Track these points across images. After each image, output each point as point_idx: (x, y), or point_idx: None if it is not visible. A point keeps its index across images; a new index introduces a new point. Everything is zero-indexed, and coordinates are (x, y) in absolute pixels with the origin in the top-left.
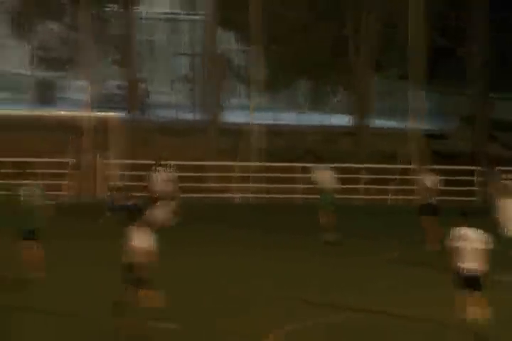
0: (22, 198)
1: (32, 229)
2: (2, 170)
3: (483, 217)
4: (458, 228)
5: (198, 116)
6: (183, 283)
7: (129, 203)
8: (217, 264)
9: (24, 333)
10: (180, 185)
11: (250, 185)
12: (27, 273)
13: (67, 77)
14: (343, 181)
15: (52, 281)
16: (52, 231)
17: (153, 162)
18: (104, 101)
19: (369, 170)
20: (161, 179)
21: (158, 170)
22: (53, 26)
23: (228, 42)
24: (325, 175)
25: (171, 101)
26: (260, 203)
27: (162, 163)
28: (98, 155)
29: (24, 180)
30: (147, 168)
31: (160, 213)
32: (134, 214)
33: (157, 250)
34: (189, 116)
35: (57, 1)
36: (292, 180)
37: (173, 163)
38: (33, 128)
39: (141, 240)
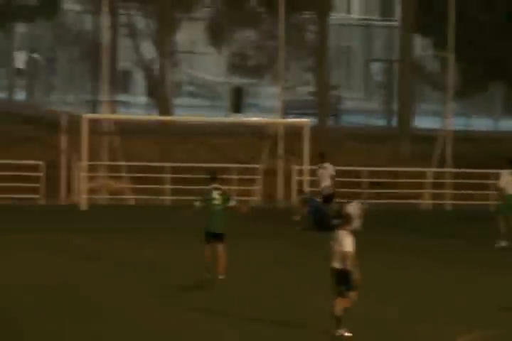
0: (210, 202)
1: (217, 233)
2: (198, 176)
3: None
4: None
5: (391, 122)
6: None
7: (322, 208)
8: (392, 273)
9: (197, 335)
10: (369, 191)
11: (441, 191)
12: (209, 275)
13: (260, 84)
14: None
15: (233, 284)
16: (242, 234)
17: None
18: (296, 108)
19: None
20: (325, 175)
21: (323, 167)
22: (249, 34)
23: (422, 47)
24: (509, 180)
25: (363, 107)
26: (450, 210)
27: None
28: (289, 161)
29: (217, 185)
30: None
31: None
32: (326, 218)
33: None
34: (381, 122)
35: (253, 9)
36: (486, 187)
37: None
38: (227, 134)
39: (344, 243)
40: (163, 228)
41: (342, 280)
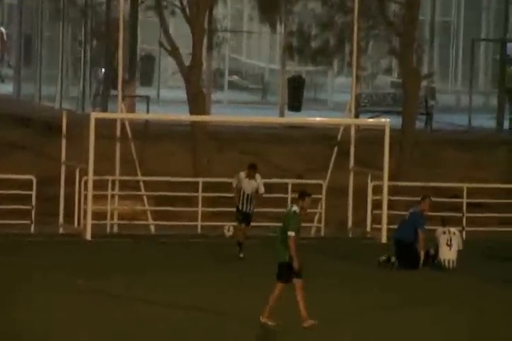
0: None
1: (285, 263)
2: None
3: None
4: None
5: (502, 123)
6: None
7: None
8: None
9: None
10: (472, 214)
11: None
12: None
13: (326, 73)
14: None
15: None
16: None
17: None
18: (373, 104)
19: None
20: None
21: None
22: (313, 6)
23: None
24: None
25: (465, 104)
26: None
27: None
28: (367, 176)
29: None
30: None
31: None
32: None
33: None
34: (490, 123)
35: None
36: None
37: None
38: (281, 139)
39: None
40: (192, 264)
41: None
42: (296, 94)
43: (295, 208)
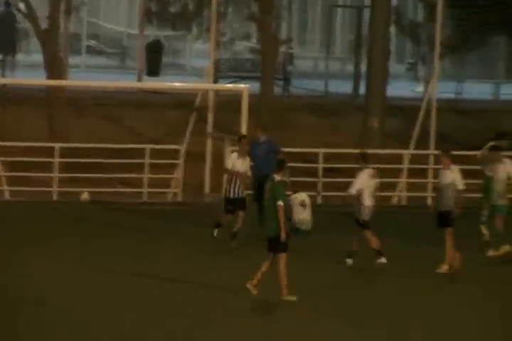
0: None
1: (269, 237)
2: (98, 160)
3: None
4: None
5: (358, 89)
6: None
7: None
8: None
9: None
10: (326, 179)
11: (422, 180)
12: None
13: (185, 38)
14: None
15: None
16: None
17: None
18: (232, 69)
19: None
20: None
21: None
22: None
23: None
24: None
25: (322, 70)
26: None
27: None
28: (224, 141)
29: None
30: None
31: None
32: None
33: None
34: (346, 88)
35: None
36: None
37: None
38: (139, 105)
39: None
40: (51, 232)
41: None
42: (154, 59)
43: (277, 177)
